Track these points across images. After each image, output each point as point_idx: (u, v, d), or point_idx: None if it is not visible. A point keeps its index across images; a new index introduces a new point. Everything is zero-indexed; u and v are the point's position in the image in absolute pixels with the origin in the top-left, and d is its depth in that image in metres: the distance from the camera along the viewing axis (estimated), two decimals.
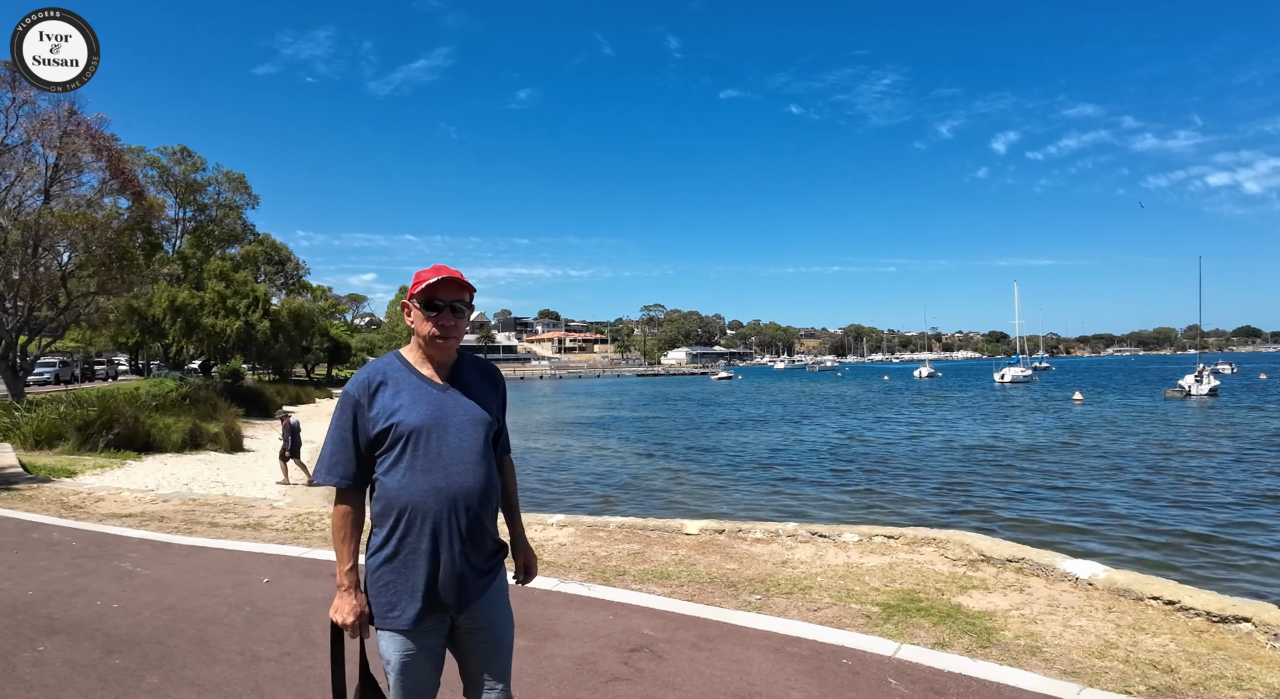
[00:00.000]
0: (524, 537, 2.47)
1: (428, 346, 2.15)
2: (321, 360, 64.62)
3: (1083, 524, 12.65)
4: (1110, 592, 4.62)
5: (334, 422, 2.09)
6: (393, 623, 2.06)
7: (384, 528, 2.08)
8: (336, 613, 2.08)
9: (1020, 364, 77.95)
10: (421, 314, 2.12)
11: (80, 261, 23.27)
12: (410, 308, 2.15)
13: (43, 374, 35.92)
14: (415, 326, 2.15)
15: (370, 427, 2.06)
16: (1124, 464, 19.37)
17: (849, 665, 3.70)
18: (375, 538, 2.10)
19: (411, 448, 2.06)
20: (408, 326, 2.19)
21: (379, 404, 2.07)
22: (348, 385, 2.11)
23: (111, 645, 4.09)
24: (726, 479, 18.49)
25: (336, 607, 2.09)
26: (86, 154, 22.36)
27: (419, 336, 2.15)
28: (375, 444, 2.08)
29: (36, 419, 16.54)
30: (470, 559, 2.12)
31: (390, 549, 2.07)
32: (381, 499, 2.08)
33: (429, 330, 2.12)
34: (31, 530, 7.18)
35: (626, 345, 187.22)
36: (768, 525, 6.56)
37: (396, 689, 2.12)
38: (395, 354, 2.19)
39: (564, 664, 3.76)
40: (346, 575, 2.09)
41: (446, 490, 2.07)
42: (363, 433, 2.07)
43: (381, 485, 2.08)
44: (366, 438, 2.07)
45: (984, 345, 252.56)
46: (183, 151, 42.20)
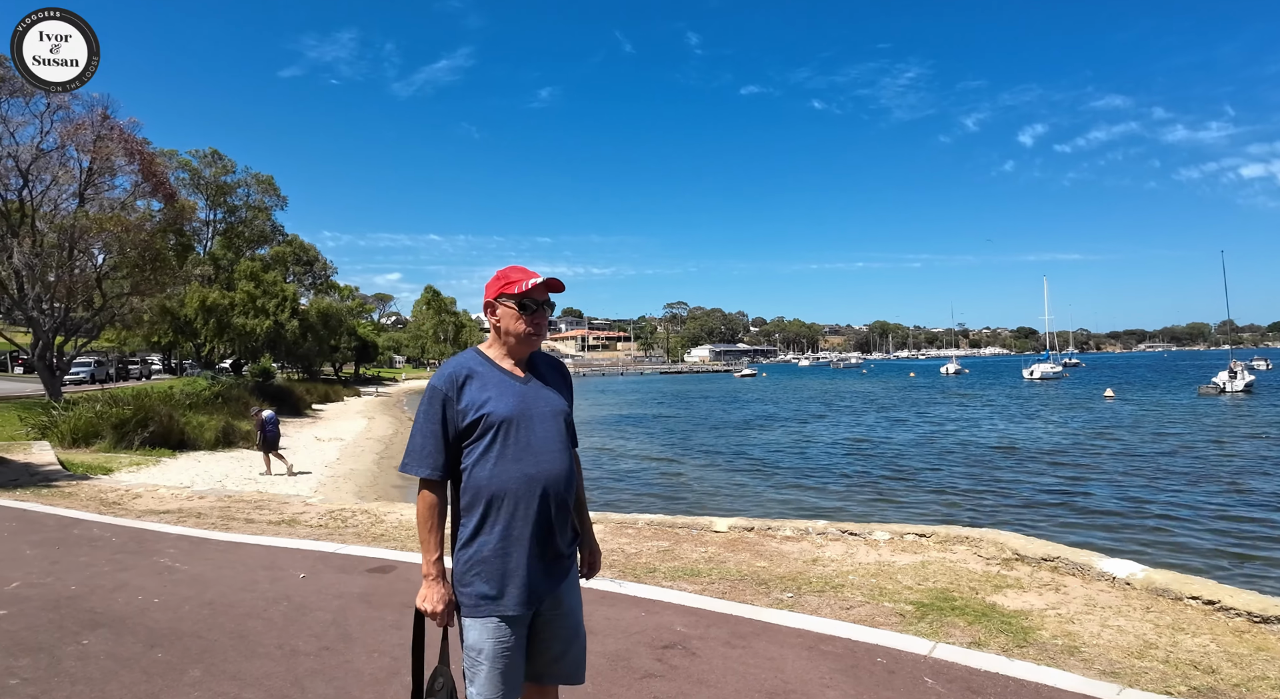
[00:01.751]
0: (591, 531, 2.50)
1: (519, 344, 2.24)
2: (349, 359, 65.30)
3: (1117, 523, 12.45)
4: (1148, 591, 4.55)
5: (422, 416, 2.15)
6: (493, 610, 2.10)
7: (475, 516, 2.13)
8: (425, 602, 2.12)
9: (1050, 360, 76.67)
10: (515, 312, 2.21)
11: (115, 263, 23.73)
12: (498, 306, 2.23)
13: (79, 374, 36.64)
14: (505, 325, 2.23)
15: (460, 418, 2.13)
16: (1157, 462, 19.03)
17: (884, 664, 3.68)
18: (465, 527, 2.15)
19: (502, 437, 2.13)
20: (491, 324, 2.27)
21: (467, 397, 2.14)
22: (434, 380, 2.17)
23: (153, 639, 4.17)
24: (753, 477, 18.43)
25: (425, 596, 2.13)
26: (120, 158, 22.76)
27: (509, 334, 2.23)
28: (464, 435, 2.14)
29: (74, 418, 16.89)
30: (559, 545, 2.21)
31: (486, 537, 2.12)
32: (471, 489, 2.13)
33: (523, 329, 2.21)
34: (72, 527, 7.35)
35: (650, 343, 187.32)
36: (797, 523, 6.53)
37: (492, 678, 2.12)
38: (475, 350, 2.27)
39: (597, 660, 3.77)
40: (434, 565, 2.13)
41: (537, 478, 2.13)
42: (452, 425, 2.13)
43: (472, 476, 2.13)
44: (456, 430, 2.13)
45: (1012, 342, 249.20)
46: (213, 154, 42.91)
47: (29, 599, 4.93)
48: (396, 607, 4.66)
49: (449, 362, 2.21)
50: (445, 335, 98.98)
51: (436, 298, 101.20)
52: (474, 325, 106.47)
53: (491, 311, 2.25)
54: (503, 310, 2.23)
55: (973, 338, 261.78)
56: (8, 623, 4.46)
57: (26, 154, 20.86)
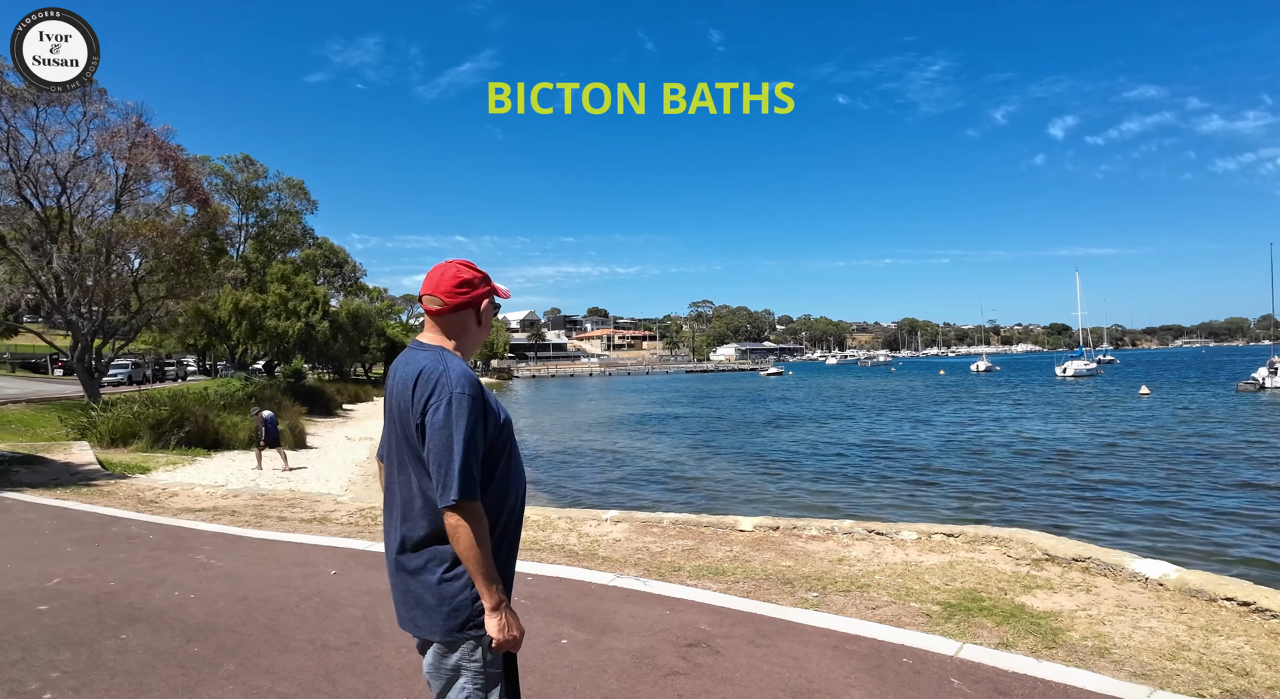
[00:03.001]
0: None
1: (479, 344, 2.19)
2: (379, 360, 65.98)
3: (1150, 524, 12.23)
4: (1181, 592, 4.48)
5: (467, 428, 1.89)
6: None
7: (494, 526, 2.02)
8: (512, 630, 1.94)
9: (1083, 357, 75.21)
10: (491, 319, 2.20)
11: (150, 267, 24.26)
12: (483, 304, 2.14)
13: (116, 375, 37.51)
14: (483, 326, 2.17)
15: (493, 427, 2.00)
16: (1192, 461, 18.65)
17: (910, 664, 3.66)
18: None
19: (512, 445, 2.08)
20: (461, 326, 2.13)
21: (491, 401, 2.01)
22: (464, 387, 1.92)
23: (190, 634, 4.27)
24: (778, 476, 18.36)
25: (506, 624, 1.94)
26: (154, 164, 23.28)
27: (474, 339, 2.15)
28: (491, 444, 2.00)
29: (112, 418, 17.28)
30: None
31: (496, 546, 2.02)
32: (497, 499, 2.03)
33: (487, 333, 2.20)
34: (111, 524, 7.53)
35: (675, 342, 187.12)
36: (823, 522, 6.51)
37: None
38: (447, 350, 2.07)
39: (622, 658, 3.80)
40: (504, 592, 1.96)
41: (524, 488, 2.16)
42: (487, 435, 1.98)
43: (497, 484, 2.03)
44: (488, 441, 1.99)
45: (1044, 338, 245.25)
46: (245, 160, 43.63)
47: (70, 595, 5.07)
48: None
49: (453, 364, 1.98)
50: None
51: None
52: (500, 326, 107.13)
53: (474, 309, 2.12)
54: (486, 316, 2.16)
55: (1004, 334, 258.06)
56: (50, 618, 4.59)
57: (64, 162, 21.39)
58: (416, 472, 1.97)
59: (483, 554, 1.87)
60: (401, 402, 1.98)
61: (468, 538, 1.86)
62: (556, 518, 7.29)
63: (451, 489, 1.84)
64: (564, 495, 16.23)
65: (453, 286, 2.07)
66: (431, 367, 1.96)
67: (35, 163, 21.10)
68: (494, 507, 2.00)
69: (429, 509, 1.94)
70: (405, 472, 2.00)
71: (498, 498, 2.01)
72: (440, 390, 1.90)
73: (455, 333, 2.10)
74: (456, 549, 1.88)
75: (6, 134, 20.47)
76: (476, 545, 1.87)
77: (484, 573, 1.88)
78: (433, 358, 1.98)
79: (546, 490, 16.92)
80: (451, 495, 1.84)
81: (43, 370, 47.94)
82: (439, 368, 1.94)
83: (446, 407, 1.89)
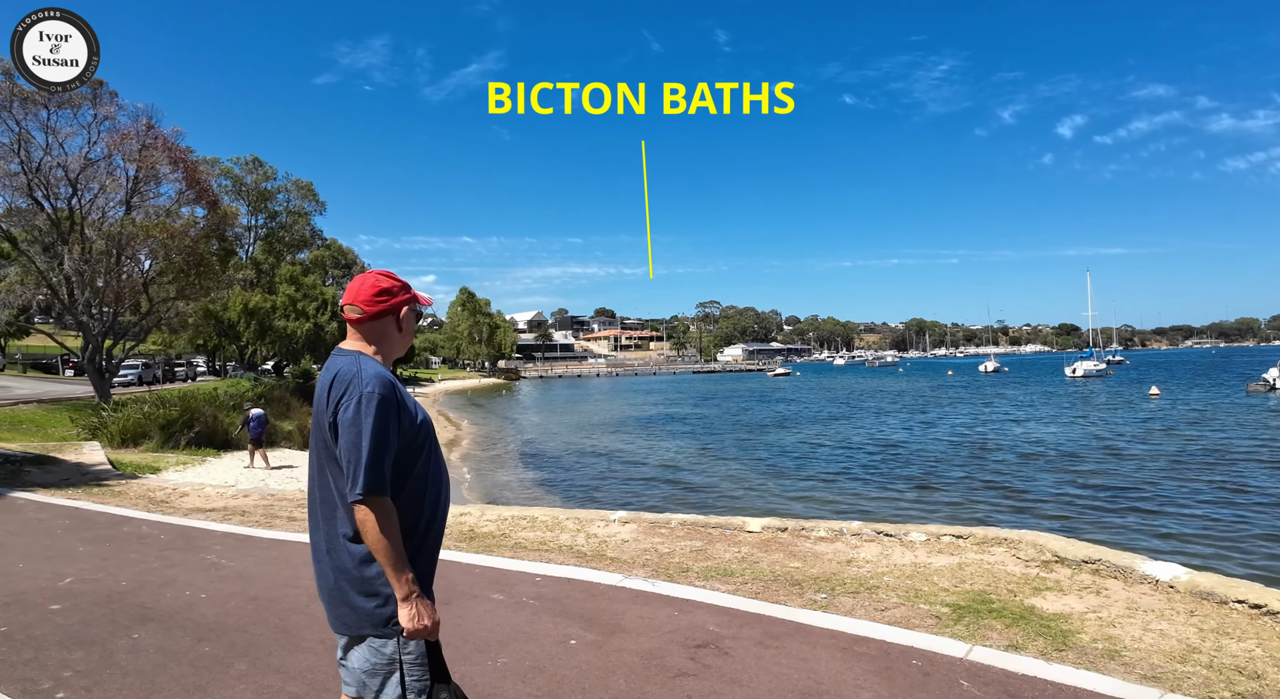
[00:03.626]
0: None
1: (402, 350, 2.23)
2: None
3: (1161, 526, 12.16)
4: (1192, 594, 4.45)
5: (375, 425, 1.94)
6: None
7: (415, 525, 2.07)
8: (424, 619, 1.98)
9: (1093, 358, 74.84)
10: (414, 324, 2.25)
11: (160, 268, 24.41)
12: (405, 311, 2.20)
13: (127, 376, 37.74)
14: (404, 333, 2.22)
15: (408, 427, 2.04)
16: (1203, 462, 18.53)
17: (919, 666, 3.65)
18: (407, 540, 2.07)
19: (431, 445, 2.14)
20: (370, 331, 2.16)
21: (407, 402, 2.06)
22: (374, 387, 1.97)
23: (201, 633, 4.30)
24: (786, 477, 18.33)
25: (417, 613, 1.97)
26: (164, 166, 23.43)
27: (395, 346, 2.20)
28: (407, 445, 2.05)
29: (122, 419, 17.40)
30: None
31: (418, 544, 2.07)
32: (410, 497, 2.06)
33: (410, 340, 2.27)
34: (122, 524, 7.58)
35: (682, 342, 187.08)
36: (831, 524, 6.50)
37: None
38: (364, 355, 2.10)
39: (631, 659, 3.81)
40: (415, 582, 1.99)
41: (446, 496, 2.20)
42: (401, 433, 2.02)
43: (414, 483, 2.06)
44: (401, 440, 2.03)
45: (1054, 338, 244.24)
46: (254, 161, 43.84)
47: (82, 594, 5.11)
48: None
49: (364, 366, 2.02)
50: (480, 336, 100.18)
51: (471, 299, 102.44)
52: (507, 326, 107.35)
53: (394, 317, 2.17)
54: (409, 321, 2.22)
55: (1013, 335, 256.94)
56: (62, 617, 4.63)
57: (75, 164, 21.55)
58: (334, 473, 2.02)
59: (391, 545, 1.92)
60: (319, 405, 2.06)
61: (374, 530, 1.91)
62: (565, 518, 7.30)
63: (359, 483, 1.89)
64: (572, 496, 16.25)
65: (371, 296, 2.13)
66: (346, 369, 2.02)
67: (46, 165, 21.27)
68: (413, 504, 2.05)
69: (349, 509, 1.97)
70: (324, 474, 2.06)
71: (416, 495, 2.06)
72: (351, 390, 1.96)
73: (376, 339, 2.15)
74: (366, 541, 1.93)
75: (18, 136, 20.63)
76: (384, 537, 1.91)
77: (393, 563, 1.93)
78: (349, 362, 2.04)
79: (555, 491, 16.94)
80: (358, 489, 1.89)
81: (54, 371, 48.29)
82: (353, 370, 2.00)
83: (356, 404, 1.94)
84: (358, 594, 2.00)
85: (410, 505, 2.05)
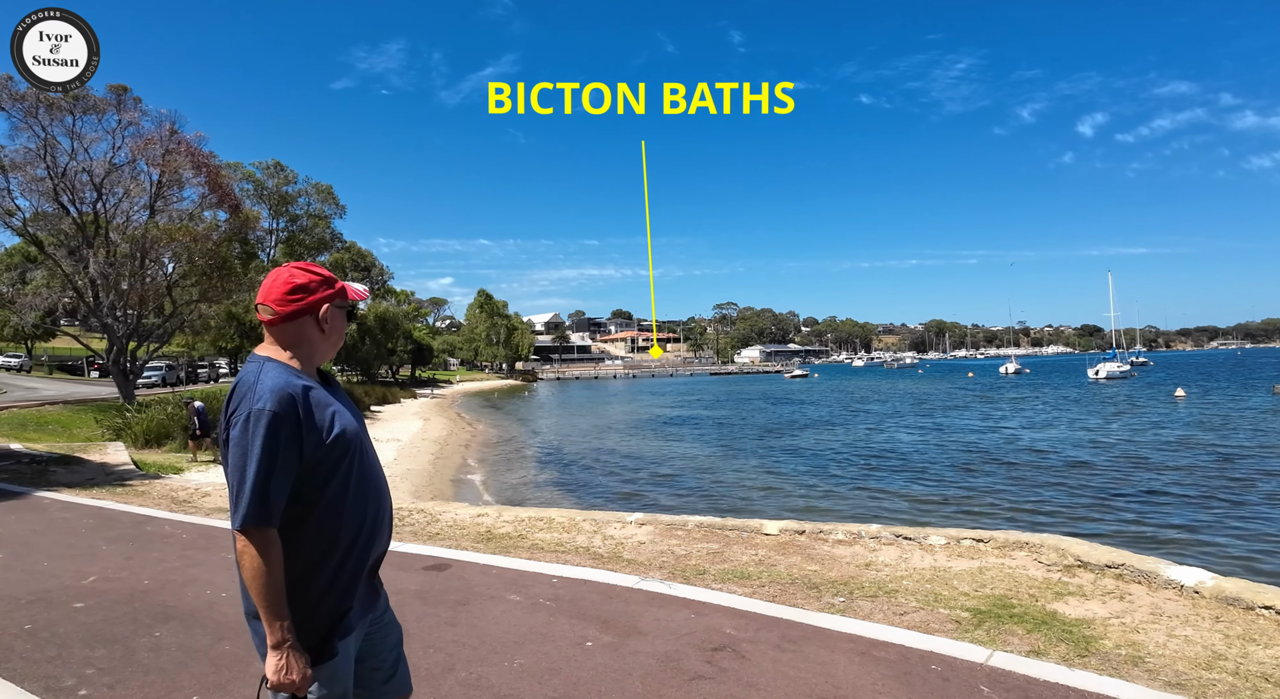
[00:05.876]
0: None
1: (329, 352, 2.03)
2: (405, 362, 66.77)
3: (1187, 531, 11.97)
4: (1218, 600, 4.37)
5: (262, 447, 1.72)
6: (341, 645, 1.89)
7: (329, 553, 1.87)
8: (290, 673, 1.75)
9: (1116, 359, 73.78)
10: (344, 322, 2.05)
11: (184, 271, 24.72)
12: (327, 309, 1.98)
13: (150, 377, 38.23)
14: (328, 334, 1.99)
15: (315, 445, 1.82)
16: (1229, 466, 18.22)
17: (938, 671, 3.61)
18: (304, 563, 1.84)
19: (358, 459, 1.92)
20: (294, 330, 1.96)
21: (317, 415, 1.84)
22: (268, 403, 1.76)
23: (221, 632, 4.33)
24: (804, 480, 18.23)
25: (284, 667, 1.75)
26: (187, 170, 23.73)
27: (318, 349, 1.98)
28: (318, 464, 1.83)
29: (146, 420, 17.64)
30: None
31: (333, 573, 1.88)
32: (323, 523, 1.85)
33: (340, 339, 2.06)
34: (145, 524, 7.67)
35: (699, 344, 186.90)
36: (849, 527, 6.45)
37: None
38: (273, 361, 1.89)
39: (647, 661, 3.79)
40: (291, 630, 1.77)
41: (383, 511, 2.03)
42: (304, 454, 1.80)
43: (328, 506, 1.85)
44: (307, 460, 1.81)
45: (1076, 340, 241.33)
46: (275, 166, 44.28)
47: (105, 593, 5.17)
48: (451, 604, 4.75)
49: (269, 376, 1.82)
50: (497, 338, 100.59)
51: (489, 301, 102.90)
52: (525, 328, 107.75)
53: (313, 316, 1.95)
54: (335, 318, 2.00)
55: (1034, 336, 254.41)
56: (85, 615, 4.69)
57: (100, 168, 21.89)
58: None
59: (266, 585, 1.72)
60: (221, 418, 1.88)
61: (250, 565, 1.72)
62: (581, 520, 7.30)
63: (238, 512, 1.72)
64: (588, 497, 16.25)
65: (283, 294, 1.92)
66: (244, 380, 1.83)
67: (72, 170, 21.62)
68: (327, 531, 1.85)
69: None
70: None
71: (330, 522, 1.85)
72: (243, 405, 1.78)
73: (290, 343, 1.94)
74: (242, 575, 1.75)
75: (44, 142, 21.00)
76: (260, 575, 1.72)
77: (267, 605, 1.73)
78: (252, 370, 1.85)
79: (571, 492, 16.95)
80: (237, 520, 1.72)
81: (79, 373, 49.05)
82: (251, 381, 1.82)
83: (244, 422, 1.75)
84: (256, 619, 1.82)
85: (317, 536, 1.83)
